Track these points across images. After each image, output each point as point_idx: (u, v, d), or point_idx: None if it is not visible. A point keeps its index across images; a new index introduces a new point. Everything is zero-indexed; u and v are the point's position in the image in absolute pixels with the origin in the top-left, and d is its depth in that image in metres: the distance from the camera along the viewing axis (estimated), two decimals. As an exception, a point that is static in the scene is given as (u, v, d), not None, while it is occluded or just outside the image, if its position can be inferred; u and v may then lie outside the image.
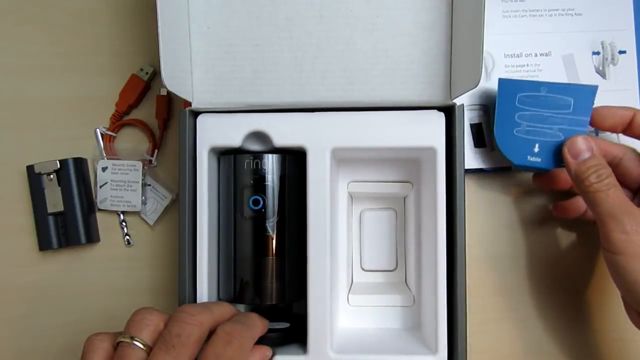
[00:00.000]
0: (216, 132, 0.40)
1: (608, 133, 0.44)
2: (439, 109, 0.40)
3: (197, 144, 0.40)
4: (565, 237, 0.47)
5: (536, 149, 0.41)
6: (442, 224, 0.39)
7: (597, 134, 0.45)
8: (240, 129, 0.40)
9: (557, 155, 0.40)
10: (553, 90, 0.41)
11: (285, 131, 0.40)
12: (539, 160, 0.41)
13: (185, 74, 0.40)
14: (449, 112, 0.40)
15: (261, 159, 0.39)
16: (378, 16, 0.40)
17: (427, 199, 0.41)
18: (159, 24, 0.36)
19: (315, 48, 0.41)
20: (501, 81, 0.42)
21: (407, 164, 0.43)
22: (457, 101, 0.39)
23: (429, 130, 0.39)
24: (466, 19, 0.38)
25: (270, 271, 0.40)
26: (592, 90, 0.40)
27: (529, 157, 0.41)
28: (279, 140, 0.39)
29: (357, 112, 0.40)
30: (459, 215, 0.38)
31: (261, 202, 0.39)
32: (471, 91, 0.46)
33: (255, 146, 0.41)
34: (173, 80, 0.38)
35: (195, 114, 0.40)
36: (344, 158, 0.42)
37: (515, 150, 0.41)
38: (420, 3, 0.40)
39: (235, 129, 0.40)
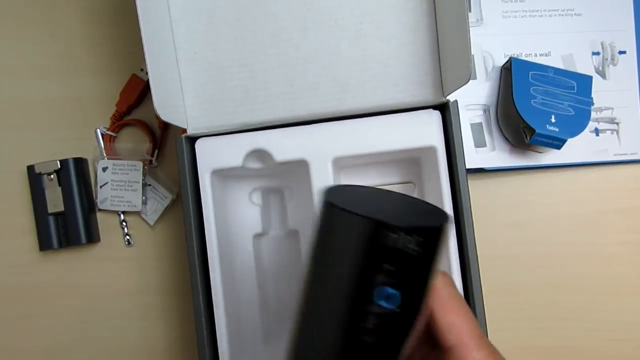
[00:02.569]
0: (216, 155, 0.40)
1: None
2: (434, 107, 0.40)
3: (199, 169, 0.40)
4: (565, 237, 0.47)
5: (553, 119, 0.43)
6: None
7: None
8: (240, 149, 0.40)
9: (572, 127, 0.43)
10: (558, 73, 0.44)
11: (284, 147, 0.39)
12: (557, 130, 0.43)
13: (177, 102, 0.40)
14: (444, 110, 0.40)
15: (417, 235, 0.25)
16: (362, 22, 0.40)
17: (431, 197, 0.41)
18: (147, 56, 0.36)
19: (304, 61, 0.41)
20: (514, 60, 0.45)
21: (408, 164, 0.43)
22: (451, 98, 0.39)
23: (426, 130, 0.39)
24: (450, 15, 0.38)
25: None
26: (588, 78, 0.44)
27: (547, 126, 0.43)
28: (280, 156, 0.39)
29: (354, 119, 0.40)
30: (465, 210, 0.38)
31: (399, 299, 0.25)
32: (472, 92, 0.46)
33: (256, 164, 0.41)
34: (166, 109, 0.38)
35: (192, 139, 0.40)
36: (344, 165, 0.42)
37: (536, 119, 0.43)
38: (402, 5, 0.40)
39: (235, 150, 0.40)
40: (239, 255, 0.43)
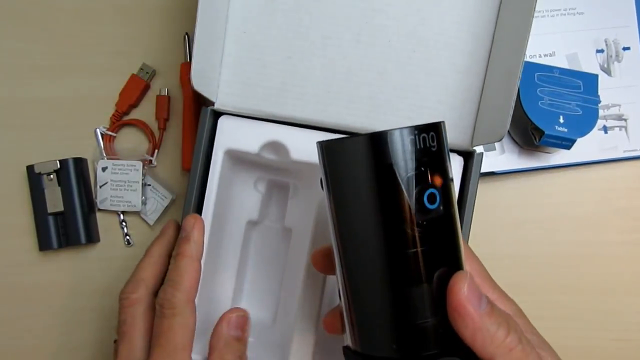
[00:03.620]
0: (235, 136, 0.39)
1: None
2: (458, 152, 0.39)
3: (215, 144, 0.39)
4: (565, 237, 0.46)
5: (561, 120, 0.43)
6: None
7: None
8: (259, 137, 0.39)
9: (581, 126, 0.43)
10: (564, 73, 0.44)
11: (303, 147, 0.39)
12: (566, 130, 0.43)
13: (213, 74, 0.40)
14: (467, 157, 0.39)
15: (433, 131, 0.26)
16: (415, 51, 0.40)
17: None
18: (198, 21, 0.36)
19: (347, 71, 0.40)
20: None
21: None
22: (477, 149, 0.39)
23: None
24: (501, 71, 0.37)
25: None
26: (594, 77, 0.44)
27: (556, 127, 0.43)
28: (296, 155, 0.39)
29: None
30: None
31: (438, 199, 0.26)
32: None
33: (271, 155, 0.40)
34: (200, 79, 0.38)
35: (217, 114, 0.40)
36: None
37: (544, 120, 0.43)
38: (459, 46, 0.39)
39: (254, 136, 0.39)
40: (227, 235, 0.43)
